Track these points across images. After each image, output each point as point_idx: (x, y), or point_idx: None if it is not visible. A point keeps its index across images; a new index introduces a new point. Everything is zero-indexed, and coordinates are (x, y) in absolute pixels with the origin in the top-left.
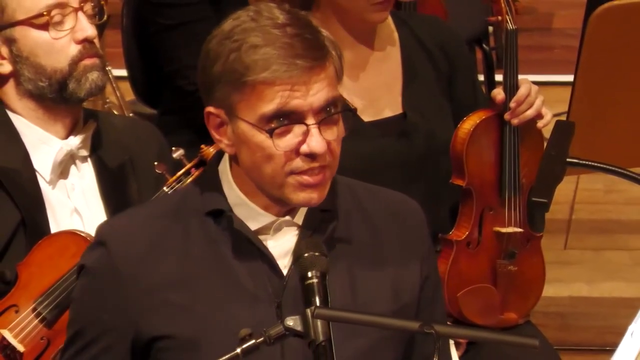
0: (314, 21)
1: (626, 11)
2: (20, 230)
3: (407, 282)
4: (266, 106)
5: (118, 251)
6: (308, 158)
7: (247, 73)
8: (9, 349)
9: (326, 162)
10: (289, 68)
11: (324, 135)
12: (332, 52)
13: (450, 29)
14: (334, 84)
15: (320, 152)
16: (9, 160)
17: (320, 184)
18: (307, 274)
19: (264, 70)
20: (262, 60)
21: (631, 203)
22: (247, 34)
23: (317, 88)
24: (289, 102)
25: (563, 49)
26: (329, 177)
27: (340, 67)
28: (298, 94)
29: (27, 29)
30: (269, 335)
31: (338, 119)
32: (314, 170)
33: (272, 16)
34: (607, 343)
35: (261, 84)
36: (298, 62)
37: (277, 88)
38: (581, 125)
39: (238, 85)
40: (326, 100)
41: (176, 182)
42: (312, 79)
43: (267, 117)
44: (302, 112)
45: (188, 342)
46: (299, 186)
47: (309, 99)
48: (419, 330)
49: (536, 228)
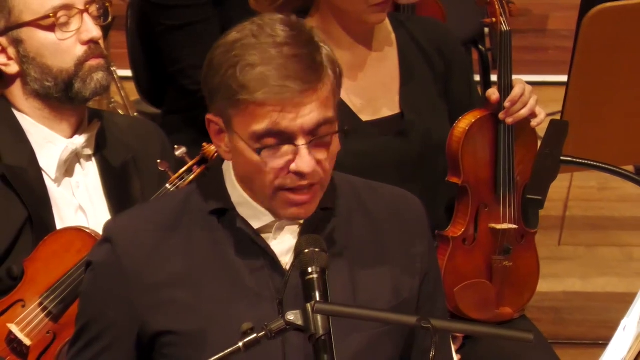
0: (318, 36)
1: (619, 13)
2: (26, 227)
3: (407, 278)
4: (257, 125)
5: (124, 248)
6: (297, 176)
7: (241, 92)
8: (16, 342)
9: (315, 180)
10: (281, 90)
11: (314, 155)
12: (328, 72)
13: (446, 30)
14: (329, 105)
15: (308, 172)
16: (16, 158)
17: (309, 202)
18: (308, 269)
19: (256, 91)
20: (255, 80)
21: (624, 200)
22: (245, 51)
23: (309, 110)
24: (279, 122)
25: (557, 50)
26: (318, 192)
27: (338, 85)
28: (289, 115)
29: (34, 30)
30: (270, 330)
31: (331, 138)
32: (303, 189)
33: (273, 33)
34: (600, 337)
35: (253, 103)
36: (290, 85)
37: (268, 108)
38: (575, 125)
39: (233, 102)
40: (317, 122)
41: (178, 180)
42: (303, 101)
43: (258, 135)
44: (292, 132)
45: (192, 338)
46: (287, 202)
47: (299, 120)
48: (416, 325)
49: (531, 225)
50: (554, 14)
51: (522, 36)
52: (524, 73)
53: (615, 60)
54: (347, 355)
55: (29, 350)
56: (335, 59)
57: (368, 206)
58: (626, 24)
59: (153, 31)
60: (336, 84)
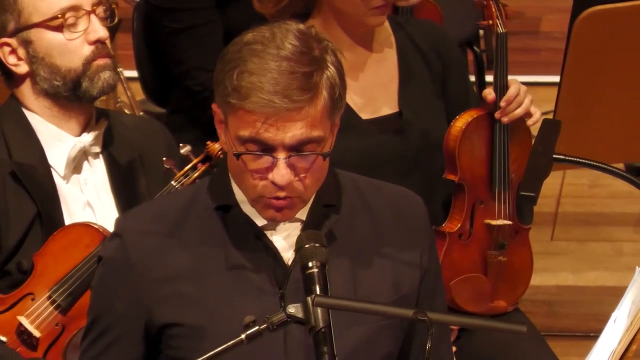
0: (332, 57)
1: (609, 16)
2: (36, 222)
3: (407, 274)
4: (242, 130)
5: (132, 243)
6: (274, 186)
7: (233, 95)
8: (25, 334)
9: (293, 194)
10: (266, 104)
11: (294, 169)
12: (323, 94)
13: (443, 32)
14: (317, 125)
15: (282, 185)
16: (26, 156)
17: (286, 208)
18: (308, 263)
19: (246, 98)
20: (246, 89)
21: (614, 197)
22: (249, 56)
23: (292, 128)
24: (262, 133)
25: (550, 52)
26: (297, 204)
27: (334, 107)
28: (272, 128)
29: (43, 31)
30: (271, 322)
31: (315, 159)
32: (280, 198)
33: (281, 45)
34: (592, 329)
35: (242, 109)
36: (276, 101)
37: (253, 118)
38: (567, 123)
39: (227, 102)
40: (299, 140)
41: (183, 177)
42: (288, 118)
43: (242, 139)
44: (272, 145)
45: (196, 331)
46: (266, 205)
47: (281, 135)
48: (413, 317)
49: (524, 220)
50: (546, 17)
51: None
52: (518, 73)
53: (605, 62)
54: (347, 348)
55: (38, 342)
56: (338, 83)
57: (370, 203)
58: (616, 26)
59: (158, 33)
60: (331, 107)
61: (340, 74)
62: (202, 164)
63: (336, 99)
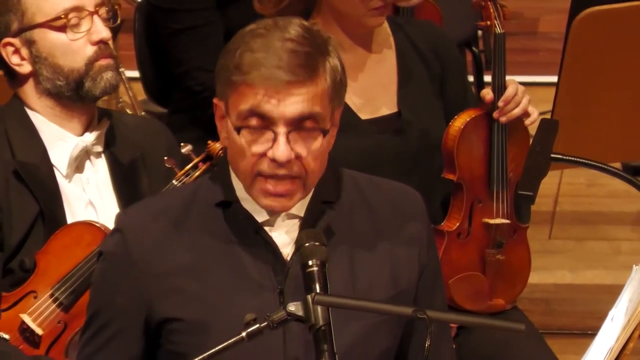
0: (334, 48)
1: (606, 17)
2: (38, 221)
3: (405, 270)
4: (242, 105)
5: (133, 238)
6: (273, 163)
7: (234, 72)
8: (28, 332)
9: (293, 172)
10: (269, 76)
11: (294, 147)
12: (325, 76)
13: (442, 33)
14: (317, 102)
15: (282, 160)
16: (29, 155)
17: (285, 195)
18: (308, 262)
19: (248, 72)
20: (248, 64)
21: (611, 196)
22: (252, 39)
23: (293, 100)
24: (261, 105)
25: (548, 52)
26: (298, 188)
27: (335, 92)
28: (273, 100)
29: (46, 31)
30: (272, 320)
31: (316, 135)
32: (279, 178)
33: (285, 29)
34: (589, 327)
35: (242, 84)
36: (278, 73)
37: (254, 91)
38: (564, 123)
39: (229, 82)
40: (300, 114)
41: (185, 176)
42: (289, 91)
43: (242, 115)
44: (272, 118)
45: (196, 326)
46: (263, 192)
47: (282, 108)
48: (412, 315)
49: (522, 219)
50: (544, 17)
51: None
52: (516, 74)
53: (603, 62)
54: (346, 343)
55: (40, 340)
56: (340, 72)
57: (370, 200)
58: (614, 27)
59: (159, 34)
60: (333, 92)
61: (342, 65)
62: (203, 163)
63: (337, 84)
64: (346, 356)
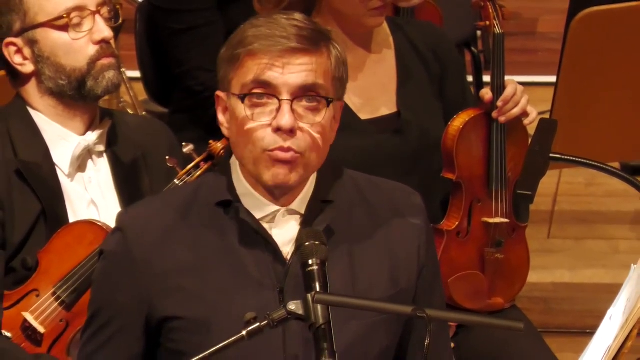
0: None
1: (605, 17)
2: (40, 220)
3: (404, 269)
4: (246, 76)
5: (134, 237)
6: (278, 134)
7: (238, 46)
8: (30, 330)
9: (297, 145)
10: (273, 43)
11: (298, 117)
12: (329, 55)
13: (442, 33)
14: (322, 74)
15: (286, 128)
16: (31, 154)
17: (290, 163)
18: (308, 261)
19: (251, 44)
20: (253, 36)
21: (610, 195)
22: (256, 19)
23: (298, 69)
24: (265, 72)
25: (546, 52)
26: (301, 162)
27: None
28: (276, 68)
29: (48, 31)
30: (272, 319)
31: (321, 106)
32: (283, 149)
33: (290, 15)
34: (588, 326)
35: (246, 55)
36: (282, 41)
37: (258, 60)
38: (563, 123)
39: (232, 60)
40: (303, 83)
41: (186, 175)
42: (293, 59)
43: (246, 86)
44: (276, 85)
45: (197, 325)
46: (270, 161)
47: (286, 76)
48: (412, 314)
49: (521, 219)
50: (543, 18)
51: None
52: (515, 74)
53: (601, 62)
54: (346, 342)
55: (42, 338)
56: (342, 57)
57: (369, 199)
58: (612, 27)
59: (160, 34)
60: (335, 69)
61: (345, 59)
62: (205, 162)
63: (341, 72)
64: (346, 355)
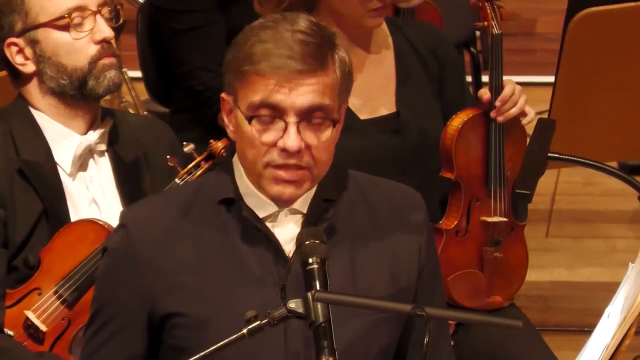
0: (340, 42)
1: (602, 18)
2: (42, 219)
3: (405, 268)
4: (254, 95)
5: (136, 234)
6: (284, 153)
7: (245, 63)
8: (32, 328)
9: (303, 162)
10: (280, 65)
11: (304, 137)
12: (334, 67)
13: (440, 34)
14: (327, 93)
15: (293, 150)
16: (33, 154)
17: (295, 182)
18: (308, 260)
19: (258, 62)
20: (260, 54)
21: (608, 194)
22: (262, 30)
23: (304, 90)
24: (274, 95)
25: (544, 52)
26: (307, 178)
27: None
28: (283, 90)
29: (50, 31)
30: (272, 317)
31: (326, 126)
32: (289, 167)
33: (294, 22)
34: (586, 324)
35: (253, 74)
36: (289, 63)
37: (265, 81)
38: (561, 123)
39: (238, 74)
40: (310, 105)
41: (187, 174)
42: (300, 81)
43: (253, 106)
44: (283, 108)
45: (199, 321)
46: (274, 179)
47: (293, 98)
48: (411, 312)
49: (520, 217)
50: (541, 18)
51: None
52: (513, 74)
53: (599, 62)
54: (346, 340)
55: (44, 336)
56: (347, 63)
57: (370, 199)
58: (609, 28)
59: (161, 34)
60: (342, 81)
61: (349, 59)
62: (205, 161)
63: (347, 77)
64: (346, 353)
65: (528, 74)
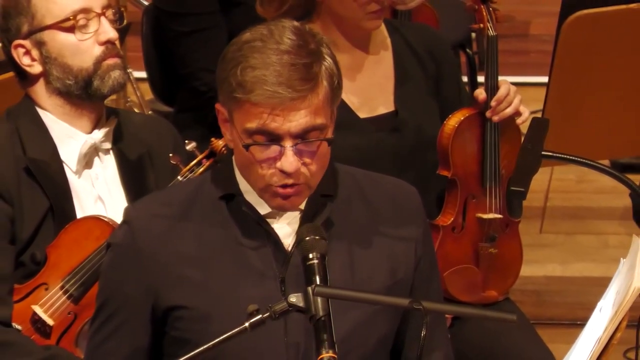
0: (327, 48)
1: (595, 20)
2: (49, 216)
3: (402, 260)
4: (249, 123)
5: (140, 230)
6: (282, 174)
7: (239, 90)
8: (39, 322)
9: (300, 181)
10: (273, 95)
11: (301, 156)
12: (323, 83)
13: (437, 35)
14: (319, 113)
15: (290, 172)
16: (39, 152)
17: (294, 196)
18: (309, 255)
19: (250, 92)
20: (251, 82)
21: (600, 192)
22: (250, 53)
23: (298, 116)
24: (269, 124)
25: (538, 53)
26: (304, 190)
27: (335, 95)
28: (278, 118)
29: (56, 33)
30: (274, 311)
31: (319, 143)
32: (287, 185)
33: (280, 40)
34: (578, 318)
35: (248, 102)
36: (281, 92)
37: (260, 109)
38: (555, 122)
39: (232, 97)
40: (304, 128)
41: (189, 172)
42: (293, 107)
43: (249, 132)
44: (279, 134)
45: (201, 314)
46: (274, 194)
47: (287, 124)
48: (409, 307)
49: (514, 214)
50: (535, 20)
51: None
52: (508, 74)
53: (592, 63)
54: (345, 331)
55: (51, 330)
56: (336, 72)
57: (367, 194)
58: (602, 30)
59: (166, 36)
60: (332, 95)
61: (336, 64)
62: (207, 159)
63: (335, 87)
64: (345, 342)
65: (522, 75)
